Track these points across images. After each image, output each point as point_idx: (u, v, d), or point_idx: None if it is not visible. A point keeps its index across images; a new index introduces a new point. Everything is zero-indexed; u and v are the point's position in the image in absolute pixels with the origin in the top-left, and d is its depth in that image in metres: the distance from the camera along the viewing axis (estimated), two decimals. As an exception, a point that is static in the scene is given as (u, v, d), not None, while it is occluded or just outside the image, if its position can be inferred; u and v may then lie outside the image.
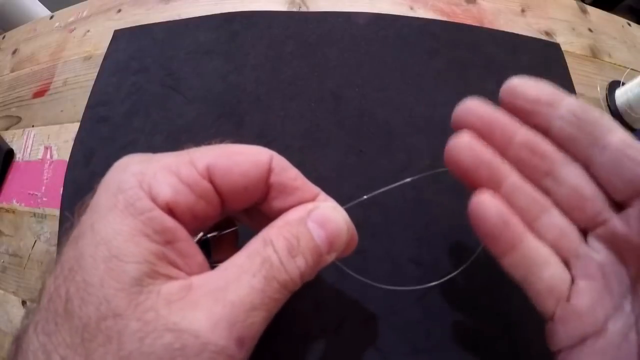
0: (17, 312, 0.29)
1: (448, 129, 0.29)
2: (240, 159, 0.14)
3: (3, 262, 0.32)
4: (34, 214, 0.32)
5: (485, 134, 0.16)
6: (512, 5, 0.37)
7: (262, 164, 0.14)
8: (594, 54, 0.36)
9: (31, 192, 0.33)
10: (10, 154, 0.36)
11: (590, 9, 0.39)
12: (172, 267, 0.12)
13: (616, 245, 0.14)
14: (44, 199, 0.32)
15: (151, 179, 0.13)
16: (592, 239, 0.15)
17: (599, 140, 0.14)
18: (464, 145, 0.16)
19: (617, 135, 0.14)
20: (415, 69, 0.31)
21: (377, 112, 0.29)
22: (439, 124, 0.29)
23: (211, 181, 0.14)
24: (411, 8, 0.35)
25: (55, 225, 0.30)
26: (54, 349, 0.11)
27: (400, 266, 0.24)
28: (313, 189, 0.16)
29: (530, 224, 0.16)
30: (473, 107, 0.16)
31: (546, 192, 0.16)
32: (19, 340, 0.12)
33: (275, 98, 0.30)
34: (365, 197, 0.18)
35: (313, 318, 0.23)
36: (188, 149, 0.15)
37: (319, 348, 0.22)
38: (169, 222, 0.12)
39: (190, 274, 0.13)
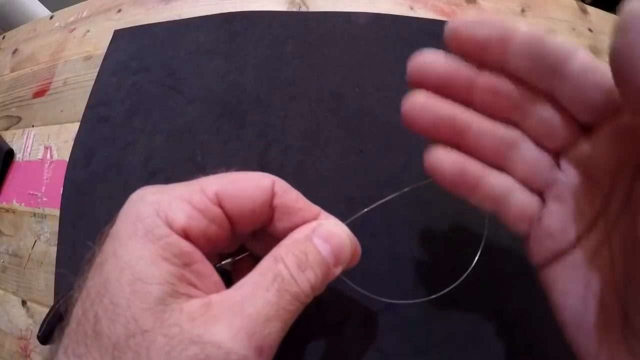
0: (17, 312, 0.30)
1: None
2: (246, 185, 0.15)
3: (3, 262, 0.32)
4: (34, 214, 0.32)
5: (444, 88, 0.16)
6: (512, 5, 0.37)
7: (265, 188, 0.16)
8: (594, 54, 0.36)
9: (31, 192, 0.33)
10: (10, 154, 0.36)
11: (590, 9, 0.39)
12: (191, 287, 0.13)
13: (586, 166, 0.14)
14: (44, 199, 0.32)
15: (167, 207, 0.14)
16: (564, 164, 0.15)
17: (558, 70, 0.13)
18: (418, 106, 0.17)
19: (577, 61, 0.13)
20: (415, 69, 0.31)
21: (377, 112, 0.29)
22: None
23: (221, 206, 0.15)
24: (411, 8, 0.35)
25: (55, 225, 0.30)
26: None
27: (401, 266, 0.24)
28: (314, 208, 0.17)
29: (502, 161, 0.16)
30: (427, 62, 0.17)
31: (516, 127, 0.16)
32: None
33: (275, 98, 0.31)
34: (365, 210, 0.20)
35: (314, 318, 0.23)
36: (198, 179, 0.16)
37: (320, 348, 0.23)
38: (186, 245, 0.14)
39: (208, 292, 0.14)
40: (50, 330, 0.25)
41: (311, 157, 0.28)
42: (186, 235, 0.14)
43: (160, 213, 0.14)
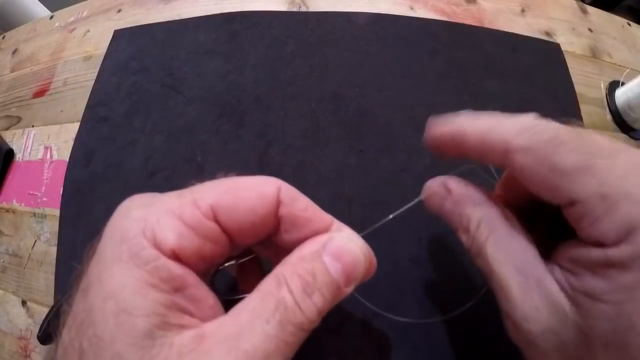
0: (17, 312, 0.30)
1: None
2: (246, 195, 0.14)
3: (3, 262, 0.32)
4: (34, 214, 0.32)
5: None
6: (512, 5, 0.37)
7: (269, 197, 0.14)
8: (594, 54, 0.36)
9: (31, 192, 0.33)
10: (10, 154, 0.36)
11: (590, 9, 0.39)
12: (184, 314, 0.12)
13: None
14: (44, 199, 0.32)
15: (154, 225, 0.12)
16: None
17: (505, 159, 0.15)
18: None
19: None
20: (415, 69, 0.31)
21: (377, 112, 0.29)
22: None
23: (216, 220, 0.13)
24: (411, 8, 0.35)
25: (55, 225, 0.30)
26: None
27: (401, 266, 0.24)
28: (326, 218, 0.15)
29: None
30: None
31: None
32: None
33: (275, 98, 0.30)
34: (390, 217, 0.19)
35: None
36: (191, 187, 0.14)
37: (320, 347, 0.22)
38: (176, 269, 0.12)
39: (203, 318, 0.12)
40: (50, 330, 0.25)
41: (311, 157, 0.28)
42: (176, 256, 0.12)
43: (146, 232, 0.12)
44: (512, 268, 0.14)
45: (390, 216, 0.18)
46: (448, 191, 0.16)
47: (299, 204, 0.14)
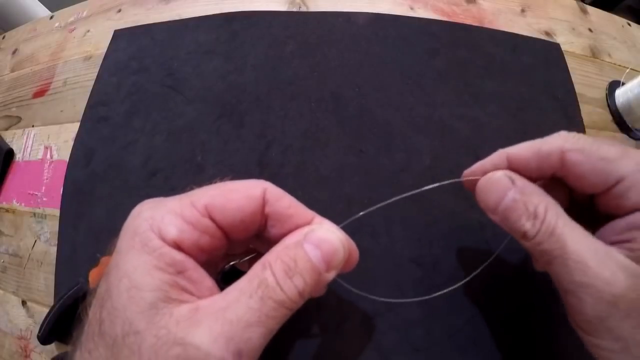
0: (17, 312, 0.30)
1: (448, 129, 0.29)
2: (235, 196, 0.16)
3: (3, 262, 0.32)
4: (34, 214, 0.32)
5: None
6: (512, 5, 0.37)
7: (255, 197, 0.16)
8: (594, 54, 0.36)
9: (31, 192, 0.33)
10: (10, 154, 0.36)
11: (590, 9, 0.39)
12: (184, 292, 0.14)
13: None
14: (44, 199, 0.32)
15: (160, 222, 0.15)
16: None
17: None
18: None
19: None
20: (415, 69, 0.31)
21: (377, 112, 0.29)
22: (439, 124, 0.29)
23: (211, 218, 0.16)
24: (411, 8, 0.35)
25: (55, 225, 0.30)
26: None
27: (401, 266, 0.24)
28: (307, 213, 0.17)
29: None
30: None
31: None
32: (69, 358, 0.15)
33: (275, 98, 0.31)
34: (360, 214, 0.19)
35: (314, 317, 0.23)
36: (189, 192, 0.17)
37: (320, 347, 0.23)
38: (177, 255, 0.15)
39: (201, 297, 0.15)
40: (50, 330, 0.25)
41: (311, 157, 0.28)
42: (178, 246, 0.15)
43: (154, 228, 0.15)
44: (585, 243, 0.16)
45: (392, 199, 0.20)
46: (512, 182, 0.18)
47: (282, 202, 0.17)
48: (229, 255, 0.19)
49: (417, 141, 0.28)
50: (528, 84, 0.31)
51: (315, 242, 0.16)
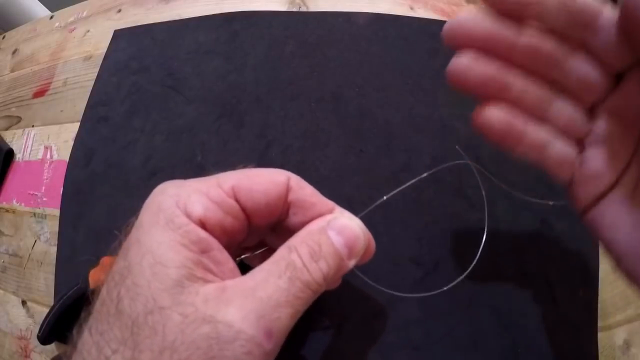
0: (17, 312, 0.30)
1: (448, 129, 0.29)
2: (261, 180, 0.16)
3: (3, 262, 0.32)
4: (34, 214, 0.32)
5: (486, 48, 0.17)
6: (512, 5, 0.37)
7: (280, 183, 0.16)
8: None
9: (31, 192, 0.33)
10: (10, 154, 0.36)
11: (590, 9, 0.39)
12: (208, 272, 0.14)
13: (619, 113, 0.16)
14: (44, 199, 0.32)
15: (186, 199, 0.15)
16: (599, 114, 0.17)
17: (589, 25, 0.15)
18: (464, 66, 0.17)
19: (605, 17, 0.15)
20: (415, 69, 0.31)
21: (377, 112, 0.29)
22: (439, 124, 0.29)
23: (236, 199, 0.16)
24: (411, 8, 0.35)
25: (55, 225, 0.30)
26: (106, 344, 0.13)
27: (401, 266, 0.24)
28: (329, 203, 0.17)
29: (542, 117, 0.17)
30: (468, 24, 0.17)
31: (555, 82, 0.17)
32: (75, 343, 0.14)
33: (275, 98, 0.31)
34: (384, 197, 0.20)
35: (315, 317, 0.23)
36: (216, 175, 0.17)
37: (320, 347, 0.23)
38: (203, 234, 0.14)
39: (223, 278, 0.15)
40: (50, 330, 0.25)
41: (311, 157, 0.28)
42: (203, 225, 0.15)
43: (179, 204, 0.15)
44: None
45: (396, 191, 0.20)
46: None
47: (305, 191, 0.17)
48: (241, 249, 0.19)
49: (417, 141, 0.28)
50: (528, 84, 0.31)
51: (338, 229, 0.16)
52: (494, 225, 0.26)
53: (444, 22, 0.17)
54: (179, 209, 0.14)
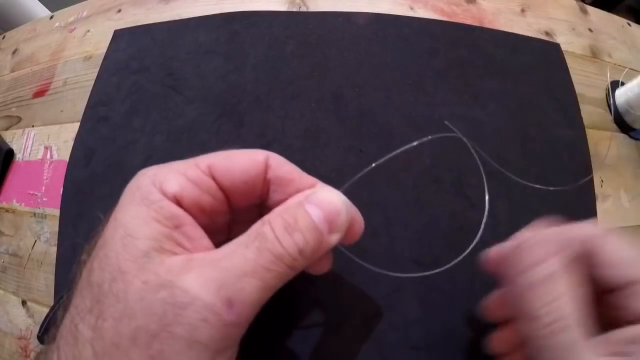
0: (17, 312, 0.30)
1: (448, 128, 0.29)
2: (239, 159, 0.16)
3: (3, 262, 0.32)
4: (34, 214, 0.32)
5: None
6: (512, 5, 0.37)
7: (258, 161, 0.16)
8: (594, 54, 0.36)
9: (31, 192, 0.33)
10: (10, 154, 0.36)
11: (590, 9, 0.39)
12: (178, 246, 0.14)
13: None
14: (44, 199, 0.32)
15: (162, 178, 0.15)
16: None
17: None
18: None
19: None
20: (415, 69, 0.31)
21: (377, 112, 0.29)
22: (439, 123, 0.29)
23: (214, 178, 0.16)
24: (411, 8, 0.35)
25: (55, 225, 0.30)
26: (77, 314, 0.13)
27: (401, 266, 0.24)
28: (309, 179, 0.17)
29: None
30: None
31: None
32: (58, 321, 0.15)
33: (275, 98, 0.31)
34: (360, 174, 0.20)
35: (314, 316, 0.23)
36: (195, 157, 0.16)
37: (320, 346, 0.23)
38: (176, 210, 0.15)
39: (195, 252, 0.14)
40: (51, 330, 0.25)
41: (311, 157, 0.28)
42: (178, 201, 0.15)
43: (155, 183, 0.15)
44: None
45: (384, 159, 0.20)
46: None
47: (285, 168, 0.17)
48: (232, 236, 0.19)
49: (417, 141, 0.28)
50: (528, 84, 0.31)
51: (317, 203, 0.15)
52: (494, 225, 0.26)
53: (444, 22, 0.17)
54: (155, 187, 0.15)
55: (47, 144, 0.35)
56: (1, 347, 0.29)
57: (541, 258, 0.16)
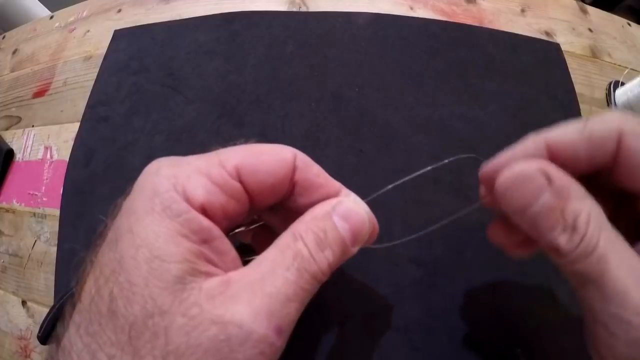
0: (17, 312, 0.30)
1: (448, 129, 0.29)
2: (266, 159, 0.15)
3: (3, 262, 0.32)
4: (34, 214, 0.32)
5: None
6: (512, 5, 0.37)
7: (287, 162, 0.15)
8: (594, 54, 0.36)
9: (31, 192, 0.33)
10: (10, 154, 0.36)
11: (590, 9, 0.39)
12: (210, 264, 0.13)
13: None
14: (44, 199, 0.32)
15: (184, 181, 0.13)
16: None
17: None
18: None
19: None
20: (415, 69, 0.31)
21: (377, 112, 0.29)
22: (439, 124, 0.29)
23: (240, 180, 0.14)
24: (411, 8, 0.35)
25: (55, 225, 0.30)
26: (99, 348, 0.12)
27: (401, 266, 0.24)
28: (335, 184, 0.17)
29: None
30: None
31: None
32: (59, 341, 0.13)
33: (275, 98, 0.30)
34: (389, 186, 0.19)
35: (314, 318, 0.23)
36: (216, 151, 0.15)
37: (320, 347, 0.22)
38: (205, 222, 0.13)
39: (226, 270, 0.13)
40: (50, 330, 0.25)
41: (311, 157, 0.28)
42: (205, 211, 0.13)
43: (178, 187, 0.13)
44: (630, 269, 0.13)
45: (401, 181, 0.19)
46: (548, 180, 0.13)
47: (312, 170, 0.16)
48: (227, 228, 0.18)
49: (417, 141, 0.28)
50: (528, 84, 0.31)
51: (344, 215, 0.15)
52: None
53: (444, 22, 0.17)
54: (178, 194, 0.13)
55: (47, 144, 0.35)
56: (1, 347, 0.29)
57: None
